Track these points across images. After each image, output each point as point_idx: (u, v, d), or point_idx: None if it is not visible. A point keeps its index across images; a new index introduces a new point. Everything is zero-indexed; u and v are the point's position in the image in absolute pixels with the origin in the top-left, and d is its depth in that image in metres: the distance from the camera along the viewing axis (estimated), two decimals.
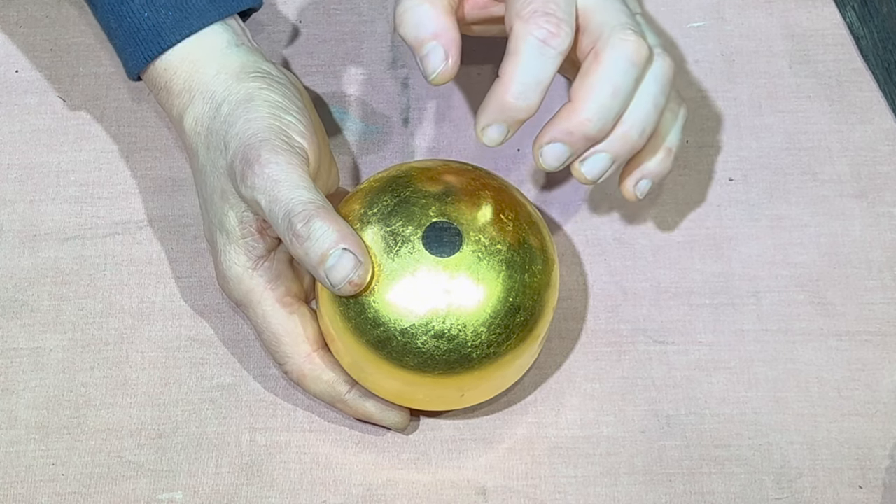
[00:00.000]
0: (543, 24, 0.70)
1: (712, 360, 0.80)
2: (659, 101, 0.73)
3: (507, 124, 0.71)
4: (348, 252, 0.70)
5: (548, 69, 0.70)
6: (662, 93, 0.73)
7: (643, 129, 0.73)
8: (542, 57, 0.70)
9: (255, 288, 0.75)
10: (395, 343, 0.71)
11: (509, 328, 0.72)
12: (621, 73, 0.71)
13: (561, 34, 0.70)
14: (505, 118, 0.71)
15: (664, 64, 0.73)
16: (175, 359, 0.79)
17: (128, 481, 0.76)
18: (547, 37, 0.70)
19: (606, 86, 0.71)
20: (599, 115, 0.71)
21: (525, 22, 0.70)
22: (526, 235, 0.73)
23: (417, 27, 0.72)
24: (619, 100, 0.71)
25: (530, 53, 0.70)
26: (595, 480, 0.77)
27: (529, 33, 0.70)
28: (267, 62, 0.77)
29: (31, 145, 0.85)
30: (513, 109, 0.70)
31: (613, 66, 0.71)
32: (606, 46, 0.71)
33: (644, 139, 0.73)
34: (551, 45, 0.70)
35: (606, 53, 0.71)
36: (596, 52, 0.71)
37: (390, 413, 0.77)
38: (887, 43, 0.87)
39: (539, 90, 0.70)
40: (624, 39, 0.71)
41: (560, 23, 0.70)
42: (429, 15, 0.72)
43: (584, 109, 0.71)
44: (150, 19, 0.77)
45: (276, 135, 0.73)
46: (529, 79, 0.70)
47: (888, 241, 0.83)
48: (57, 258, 0.82)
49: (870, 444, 0.78)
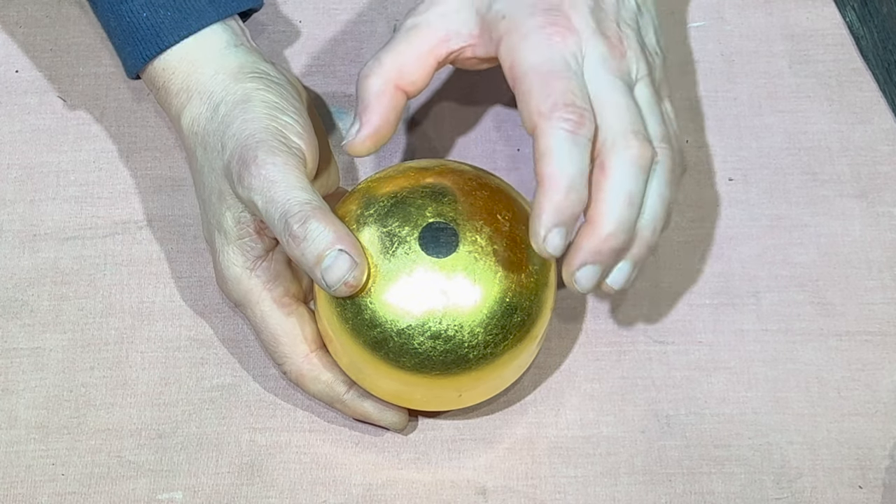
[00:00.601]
0: (568, 115, 0.69)
1: (712, 360, 0.80)
2: (666, 196, 0.72)
3: (566, 225, 0.70)
4: (344, 253, 0.70)
5: (585, 158, 0.69)
6: (668, 186, 0.72)
7: (655, 228, 0.72)
8: (575, 147, 0.69)
9: (254, 288, 0.75)
10: (391, 344, 0.71)
11: (506, 328, 0.72)
12: (632, 181, 0.70)
13: (585, 122, 0.69)
14: (563, 218, 0.69)
15: (666, 157, 0.72)
16: (175, 359, 0.79)
17: (128, 481, 0.76)
18: (575, 128, 0.69)
19: (622, 197, 0.70)
20: (621, 227, 0.70)
21: (549, 118, 0.69)
22: (523, 236, 0.73)
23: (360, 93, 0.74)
24: (635, 207, 0.71)
25: (565, 147, 0.69)
26: (595, 480, 0.77)
27: (558, 128, 0.69)
28: (265, 62, 0.77)
29: (31, 145, 0.85)
30: (568, 207, 0.69)
31: (623, 175, 0.70)
32: (612, 155, 0.70)
33: (657, 236, 0.72)
34: (580, 134, 0.69)
35: (614, 163, 0.70)
36: (601, 163, 0.70)
37: (389, 413, 0.77)
38: (887, 43, 0.87)
39: (584, 181, 0.69)
40: (628, 147, 0.70)
41: (583, 111, 0.69)
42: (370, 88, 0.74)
43: (607, 225, 0.70)
44: (149, 19, 0.77)
45: (273, 135, 0.73)
46: (574, 170, 0.69)
47: (888, 241, 0.83)
48: (57, 258, 0.82)
49: (870, 444, 0.78)
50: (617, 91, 0.71)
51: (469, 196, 0.73)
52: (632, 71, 0.73)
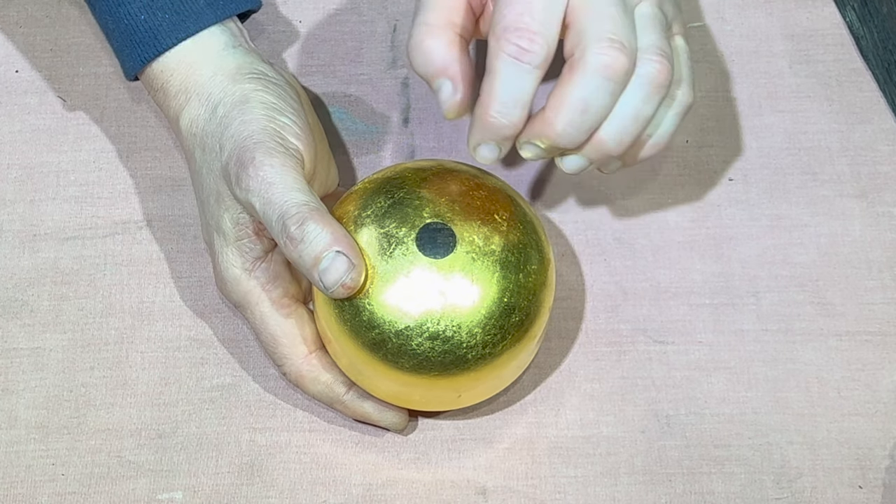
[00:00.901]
0: (515, 39, 0.68)
1: (712, 360, 0.80)
2: (642, 112, 0.70)
3: (496, 142, 0.70)
4: (342, 255, 0.70)
5: (525, 85, 0.69)
6: (647, 101, 0.70)
7: (620, 140, 0.71)
8: (516, 73, 0.68)
9: (253, 289, 0.75)
10: (390, 345, 0.71)
11: (504, 329, 0.72)
12: (593, 88, 0.69)
13: (535, 48, 0.68)
14: (491, 136, 0.70)
15: (653, 69, 0.70)
16: (175, 359, 0.80)
17: (128, 481, 0.76)
18: (518, 53, 0.68)
19: (577, 102, 0.69)
20: (569, 129, 0.69)
21: (497, 39, 0.68)
22: (521, 235, 0.73)
23: (426, 63, 0.71)
24: (590, 116, 0.69)
25: (505, 71, 0.68)
26: (595, 480, 0.77)
27: (501, 50, 0.68)
28: (264, 63, 0.77)
29: (31, 145, 0.85)
30: (496, 127, 0.69)
31: (585, 81, 0.69)
32: (582, 59, 0.69)
33: (622, 147, 0.71)
34: (525, 60, 0.68)
35: (580, 67, 0.69)
36: (571, 64, 0.69)
37: (388, 414, 0.77)
38: (887, 43, 0.87)
39: (519, 106, 0.69)
40: (599, 53, 0.68)
41: (534, 36, 0.68)
42: (436, 49, 0.71)
43: (555, 122, 0.69)
44: (147, 22, 0.77)
45: (271, 137, 0.73)
46: (507, 97, 0.68)
47: (888, 241, 0.83)
48: (57, 258, 0.82)
49: (870, 444, 0.78)
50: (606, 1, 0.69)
51: (466, 196, 0.73)
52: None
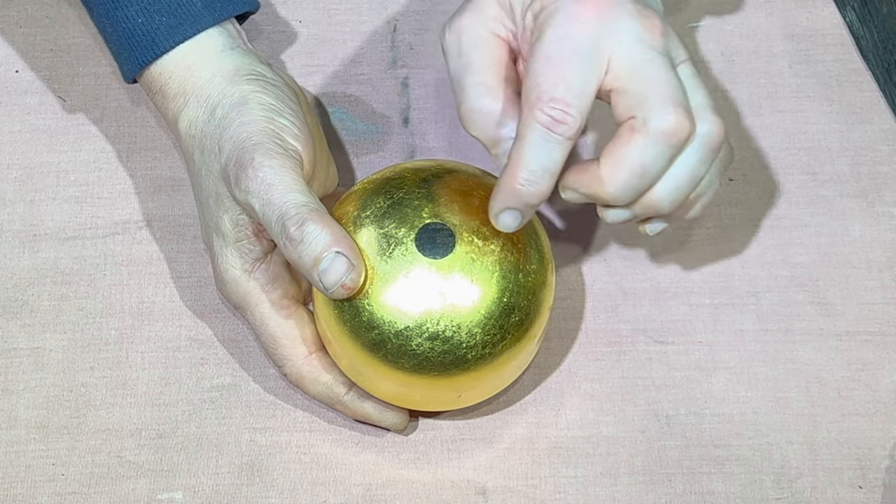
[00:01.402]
0: (549, 110, 0.67)
1: (712, 360, 0.80)
2: (697, 173, 0.70)
3: (520, 210, 0.70)
4: (341, 255, 0.70)
5: (555, 156, 0.68)
6: (703, 162, 0.70)
7: (672, 200, 0.70)
8: (547, 143, 0.68)
9: (252, 291, 0.75)
10: (390, 345, 0.71)
11: (504, 328, 0.72)
12: (655, 153, 0.68)
13: (567, 120, 0.67)
14: (516, 204, 0.69)
15: (711, 131, 0.69)
16: (175, 359, 0.80)
17: (128, 481, 0.76)
18: (551, 124, 0.67)
19: (636, 166, 0.68)
20: (623, 192, 0.69)
21: (531, 108, 0.68)
22: (520, 235, 0.73)
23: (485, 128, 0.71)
24: (647, 180, 0.69)
25: (536, 140, 0.68)
26: (595, 480, 0.77)
27: (534, 119, 0.68)
28: (262, 64, 0.77)
29: (31, 145, 0.85)
30: (523, 195, 0.69)
31: (647, 146, 0.68)
32: (646, 123, 0.68)
33: (674, 207, 0.71)
34: (557, 131, 0.68)
35: (644, 131, 0.68)
36: (632, 126, 0.68)
37: (389, 414, 0.77)
38: (887, 43, 0.87)
39: (547, 176, 0.68)
40: (663, 119, 0.68)
41: (567, 108, 0.67)
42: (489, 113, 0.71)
43: (609, 185, 0.69)
44: (145, 25, 0.77)
45: (270, 138, 0.73)
46: (536, 166, 0.68)
47: (888, 241, 0.83)
48: (57, 258, 0.82)
49: (870, 444, 0.78)
50: (657, 64, 0.69)
51: (466, 196, 0.73)
52: (671, 51, 0.70)
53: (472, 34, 0.72)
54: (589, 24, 0.68)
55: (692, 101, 0.70)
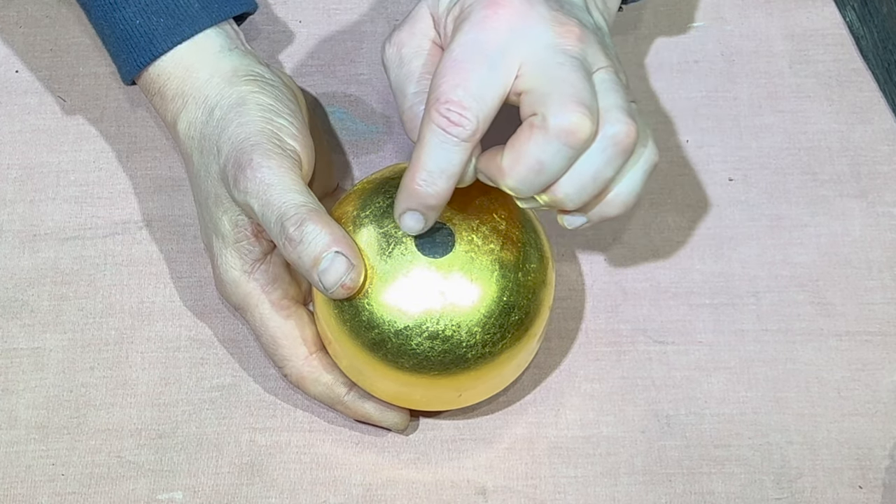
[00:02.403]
0: (444, 112, 0.67)
1: (712, 360, 0.80)
2: (602, 173, 0.68)
3: (421, 211, 0.69)
4: (341, 255, 0.70)
5: (451, 157, 0.68)
6: (609, 164, 0.68)
7: (575, 198, 0.69)
8: (443, 145, 0.67)
9: (252, 291, 0.75)
10: (390, 345, 0.71)
11: (504, 327, 0.72)
12: (552, 151, 0.67)
13: (463, 122, 0.67)
14: (416, 205, 0.69)
15: (619, 132, 0.68)
16: (175, 359, 0.80)
17: (128, 481, 0.76)
18: (447, 125, 0.67)
19: (532, 162, 0.67)
20: (522, 185, 0.68)
21: (429, 108, 0.68)
22: (520, 234, 0.73)
23: None
24: (546, 175, 0.68)
25: (433, 141, 0.68)
26: (595, 480, 0.77)
27: (431, 120, 0.67)
28: (260, 65, 0.77)
29: (31, 145, 0.85)
30: (420, 196, 0.68)
31: (545, 142, 0.67)
32: (544, 121, 0.67)
33: (577, 205, 0.69)
34: (452, 133, 0.67)
35: (541, 128, 0.67)
36: (532, 123, 0.67)
37: (389, 414, 0.77)
38: (887, 43, 0.87)
39: (444, 178, 0.68)
40: (563, 117, 0.66)
41: (463, 111, 0.67)
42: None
43: (508, 177, 0.68)
44: (143, 26, 0.77)
45: (268, 138, 0.73)
46: (433, 166, 0.68)
47: (888, 241, 0.83)
48: (57, 258, 0.82)
49: (870, 444, 0.78)
50: (565, 66, 0.68)
51: (465, 195, 0.73)
52: (588, 56, 0.69)
53: (412, 45, 0.72)
54: (498, 29, 0.68)
55: (603, 102, 0.68)
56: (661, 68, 0.88)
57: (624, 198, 0.71)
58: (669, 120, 0.86)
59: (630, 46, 0.89)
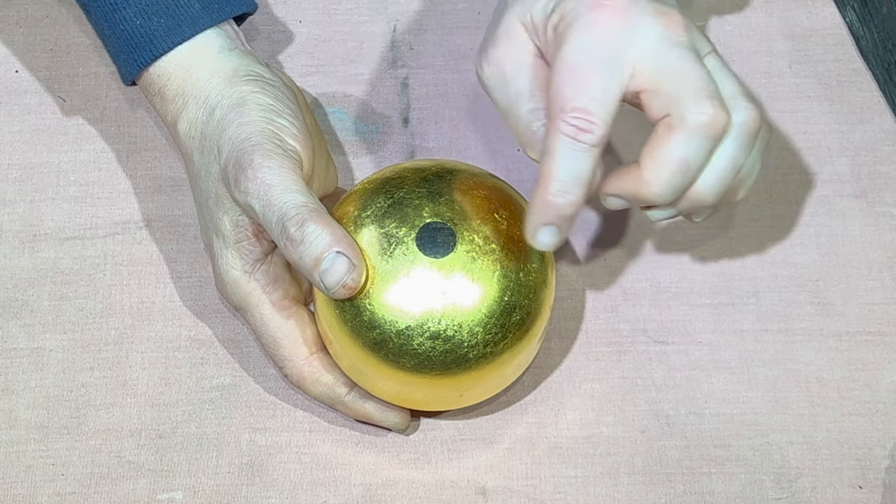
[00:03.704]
0: (572, 120, 0.67)
1: (712, 360, 0.80)
2: (738, 161, 0.70)
3: (556, 224, 0.69)
4: (342, 255, 0.70)
5: (584, 165, 0.68)
6: (743, 150, 0.70)
7: (717, 191, 0.70)
8: (574, 153, 0.68)
9: (253, 292, 0.75)
10: (391, 345, 0.71)
11: (505, 327, 0.72)
12: (694, 148, 0.68)
13: (592, 129, 0.67)
14: (552, 218, 0.69)
15: (745, 118, 0.69)
16: (175, 359, 0.79)
17: (128, 481, 0.76)
18: (576, 133, 0.67)
19: (677, 162, 0.68)
20: (666, 190, 0.69)
21: (554, 119, 0.68)
22: (521, 234, 0.73)
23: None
24: (690, 175, 0.69)
25: (563, 151, 0.68)
26: (595, 480, 0.77)
27: (559, 130, 0.68)
28: (260, 65, 0.77)
29: (31, 145, 0.85)
30: (557, 207, 0.69)
31: (686, 141, 0.68)
32: (682, 119, 0.68)
33: (718, 198, 0.70)
34: (582, 140, 0.68)
35: (681, 126, 0.68)
36: (669, 124, 0.68)
37: (390, 414, 0.77)
38: (887, 43, 0.87)
39: (578, 186, 0.68)
40: (700, 112, 0.68)
41: (590, 116, 0.67)
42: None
43: (652, 184, 0.69)
44: (143, 27, 0.77)
45: (269, 138, 0.73)
46: (566, 176, 0.68)
47: (888, 241, 0.83)
48: (57, 258, 0.82)
49: (870, 444, 0.78)
50: (685, 59, 0.69)
51: (466, 195, 0.73)
52: (696, 44, 0.70)
53: (514, 63, 0.72)
54: (608, 29, 0.68)
55: (724, 91, 0.70)
56: None
57: (749, 179, 0.72)
58: None
59: None
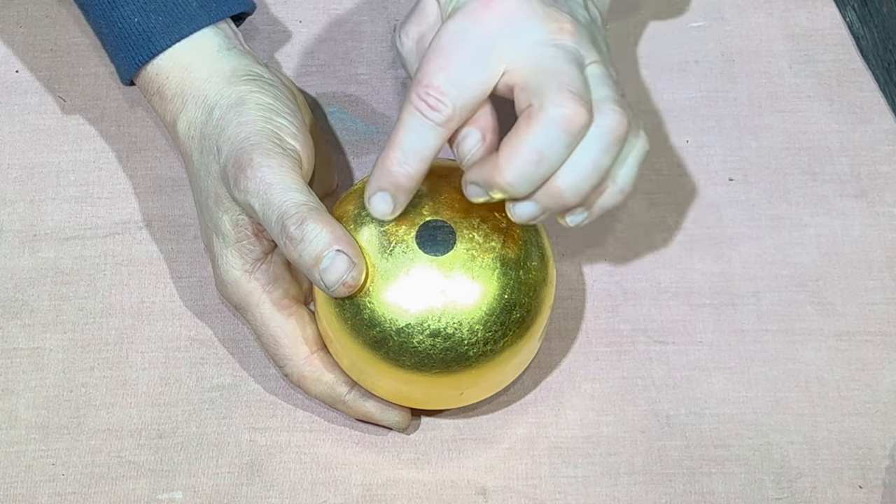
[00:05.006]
0: (424, 95, 0.68)
1: (712, 360, 0.80)
2: (600, 162, 0.69)
3: (391, 193, 0.70)
4: (342, 253, 0.70)
5: (427, 141, 0.69)
6: (606, 152, 0.69)
7: (577, 190, 0.69)
8: (420, 128, 0.69)
9: (253, 291, 0.75)
10: (391, 343, 0.71)
11: (505, 325, 0.72)
12: (550, 140, 0.67)
13: (440, 108, 0.68)
14: (387, 185, 0.70)
15: (610, 121, 0.69)
16: (175, 359, 0.79)
17: (128, 481, 0.76)
18: (425, 109, 0.68)
19: (532, 152, 0.68)
20: (520, 180, 0.68)
21: (409, 94, 0.69)
22: (520, 232, 0.73)
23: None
24: (545, 166, 0.68)
25: (410, 123, 0.69)
26: (595, 480, 0.77)
27: (411, 102, 0.69)
28: (259, 65, 0.77)
29: (31, 145, 0.85)
30: (392, 176, 0.69)
31: (543, 131, 0.67)
32: (540, 110, 0.67)
33: (579, 198, 0.70)
34: (429, 116, 0.68)
35: (538, 117, 0.68)
36: (528, 114, 0.68)
37: (391, 413, 0.77)
38: (887, 43, 0.87)
39: (417, 160, 0.69)
40: (559, 105, 0.67)
41: (442, 96, 0.68)
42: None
43: (506, 172, 0.68)
44: (141, 24, 0.77)
45: (268, 138, 0.73)
46: (408, 147, 0.69)
47: (888, 241, 0.83)
48: (57, 258, 0.82)
49: (870, 444, 0.78)
50: (558, 59, 0.69)
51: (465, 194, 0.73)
52: (580, 50, 0.70)
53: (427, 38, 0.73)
54: (487, 21, 0.69)
55: (596, 94, 0.69)
56: (661, 68, 0.88)
57: (622, 186, 0.71)
58: (670, 120, 0.86)
59: (630, 47, 0.89)
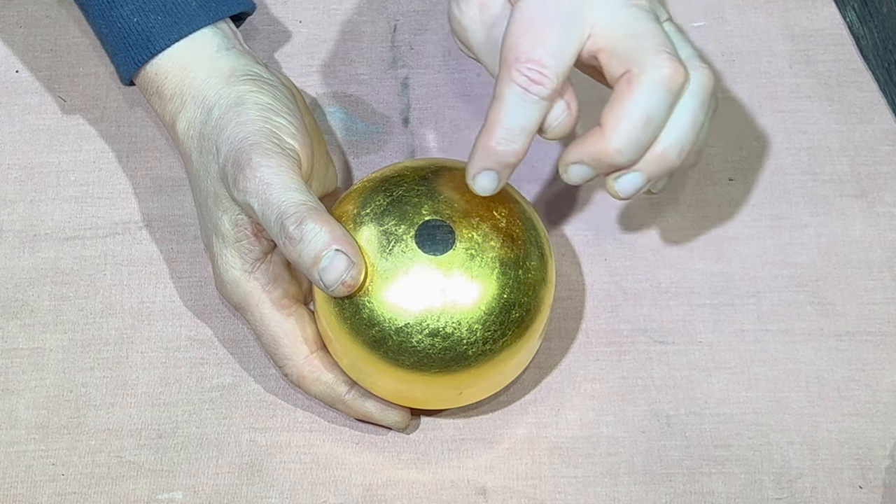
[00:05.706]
0: (526, 71, 0.68)
1: (712, 360, 0.80)
2: (698, 119, 0.70)
3: (496, 170, 0.70)
4: (341, 253, 0.70)
5: (531, 116, 0.69)
6: (702, 108, 0.71)
7: (681, 150, 0.70)
8: (523, 103, 0.69)
9: (253, 291, 0.75)
10: (390, 342, 0.71)
11: (505, 325, 0.72)
12: (655, 101, 0.69)
13: (544, 81, 0.68)
14: (492, 164, 0.70)
15: (702, 78, 0.70)
16: (175, 359, 0.80)
17: (128, 481, 0.76)
18: (528, 84, 0.69)
19: (639, 116, 0.69)
20: (629, 146, 0.69)
21: (508, 67, 0.69)
22: (520, 232, 0.73)
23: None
24: (652, 129, 0.69)
25: (512, 100, 0.69)
26: (595, 480, 0.77)
27: (511, 79, 0.69)
28: (258, 65, 0.77)
29: (31, 145, 0.85)
30: (498, 154, 0.70)
31: (647, 94, 0.69)
32: (642, 73, 0.68)
33: (682, 158, 0.71)
34: (532, 91, 0.69)
35: (641, 80, 0.68)
36: (629, 79, 0.69)
37: (390, 413, 0.77)
38: (887, 43, 0.87)
39: (523, 136, 0.69)
40: (659, 66, 0.68)
41: (544, 69, 0.68)
42: None
43: (614, 139, 0.69)
44: (140, 24, 0.77)
45: (267, 138, 0.73)
46: (513, 124, 0.69)
47: (888, 241, 0.83)
48: (57, 258, 0.82)
49: (870, 444, 0.78)
50: (642, 20, 0.70)
51: (465, 193, 0.73)
52: (655, 9, 0.71)
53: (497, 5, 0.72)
54: None
55: (680, 52, 0.71)
56: None
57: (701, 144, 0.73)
58: None
59: None
